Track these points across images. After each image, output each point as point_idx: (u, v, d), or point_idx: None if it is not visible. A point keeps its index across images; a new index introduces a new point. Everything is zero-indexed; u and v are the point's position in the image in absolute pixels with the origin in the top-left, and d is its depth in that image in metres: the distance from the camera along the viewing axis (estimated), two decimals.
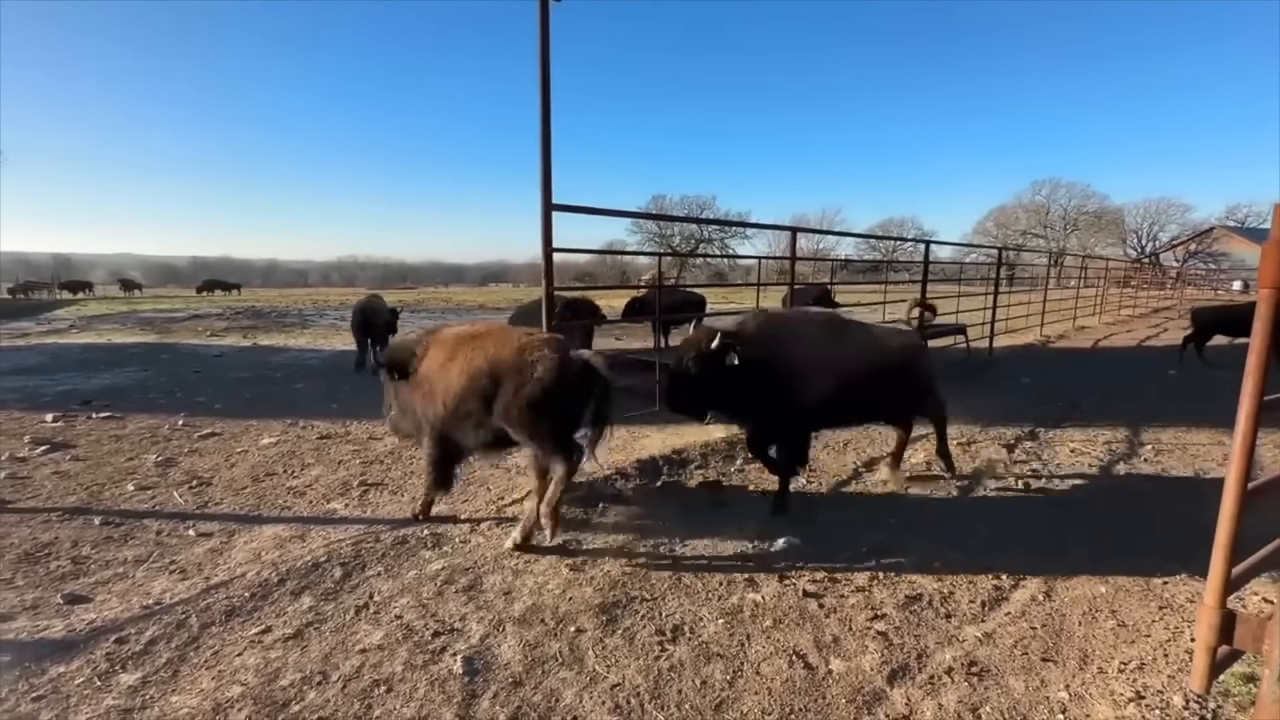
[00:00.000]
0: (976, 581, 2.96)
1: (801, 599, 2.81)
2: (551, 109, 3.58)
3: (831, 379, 3.66)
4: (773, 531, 3.50)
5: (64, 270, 78.81)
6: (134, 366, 9.98)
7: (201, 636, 2.54)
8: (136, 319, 18.74)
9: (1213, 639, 1.60)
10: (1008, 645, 2.46)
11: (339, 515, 3.84)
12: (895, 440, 4.32)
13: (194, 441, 5.46)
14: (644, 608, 2.76)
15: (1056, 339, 12.57)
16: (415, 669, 2.33)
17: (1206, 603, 1.61)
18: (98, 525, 3.69)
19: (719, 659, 2.40)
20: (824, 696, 2.19)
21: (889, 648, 2.45)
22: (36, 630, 2.60)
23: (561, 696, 2.19)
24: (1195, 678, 1.63)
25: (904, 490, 4.15)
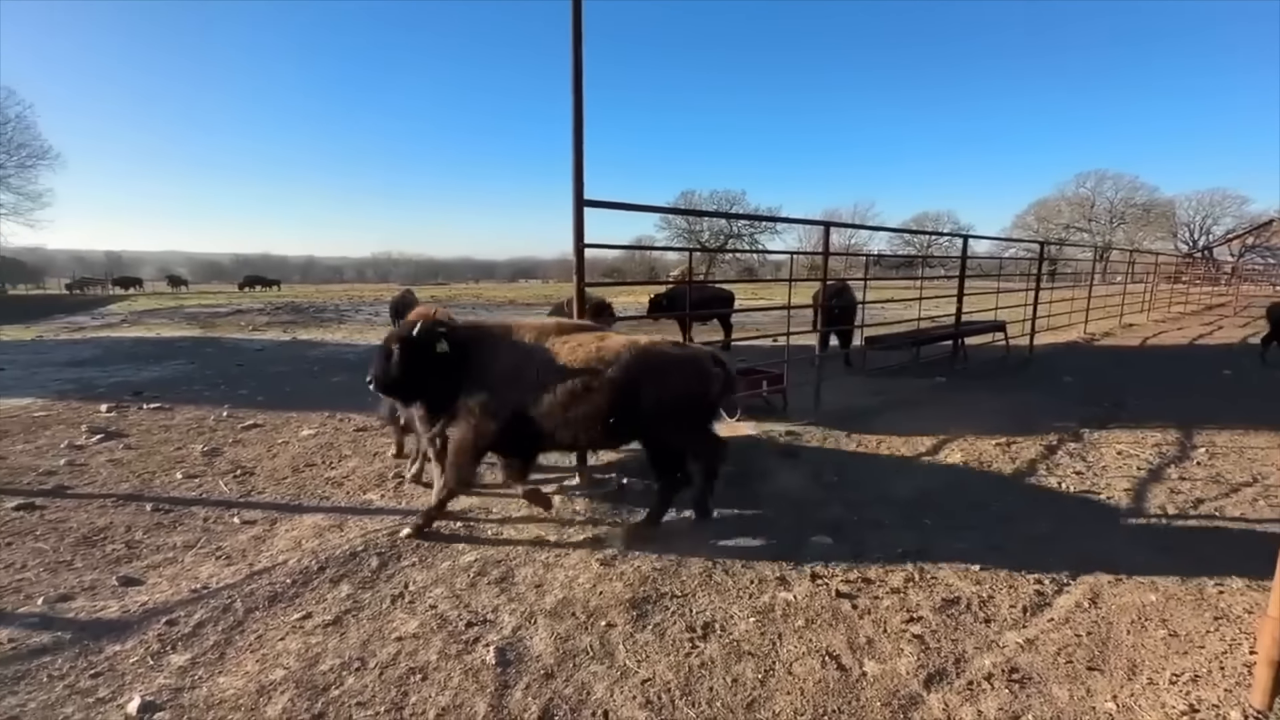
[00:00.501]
0: (1017, 586, 2.88)
1: (834, 599, 2.77)
2: (584, 104, 3.59)
3: (521, 396, 3.33)
4: (805, 531, 3.46)
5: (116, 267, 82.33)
6: (181, 360, 10.38)
7: (246, 621, 2.63)
8: (183, 314, 19.47)
9: (1276, 652, 1.52)
10: (1051, 652, 2.38)
11: (375, 506, 3.93)
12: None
13: (237, 432, 5.65)
14: (674, 604, 2.75)
15: (1101, 336, 12.12)
16: (449, 658, 2.37)
17: (1270, 614, 1.53)
18: (149, 511, 3.84)
19: (750, 657, 2.38)
20: (858, 699, 2.15)
21: (925, 651, 2.40)
22: (94, 610, 2.73)
23: (593, 690, 2.20)
24: (1256, 693, 1.55)
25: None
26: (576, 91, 3.55)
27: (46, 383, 8.31)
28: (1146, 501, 3.89)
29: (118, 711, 2.10)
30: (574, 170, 3.66)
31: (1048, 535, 3.42)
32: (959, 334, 8.09)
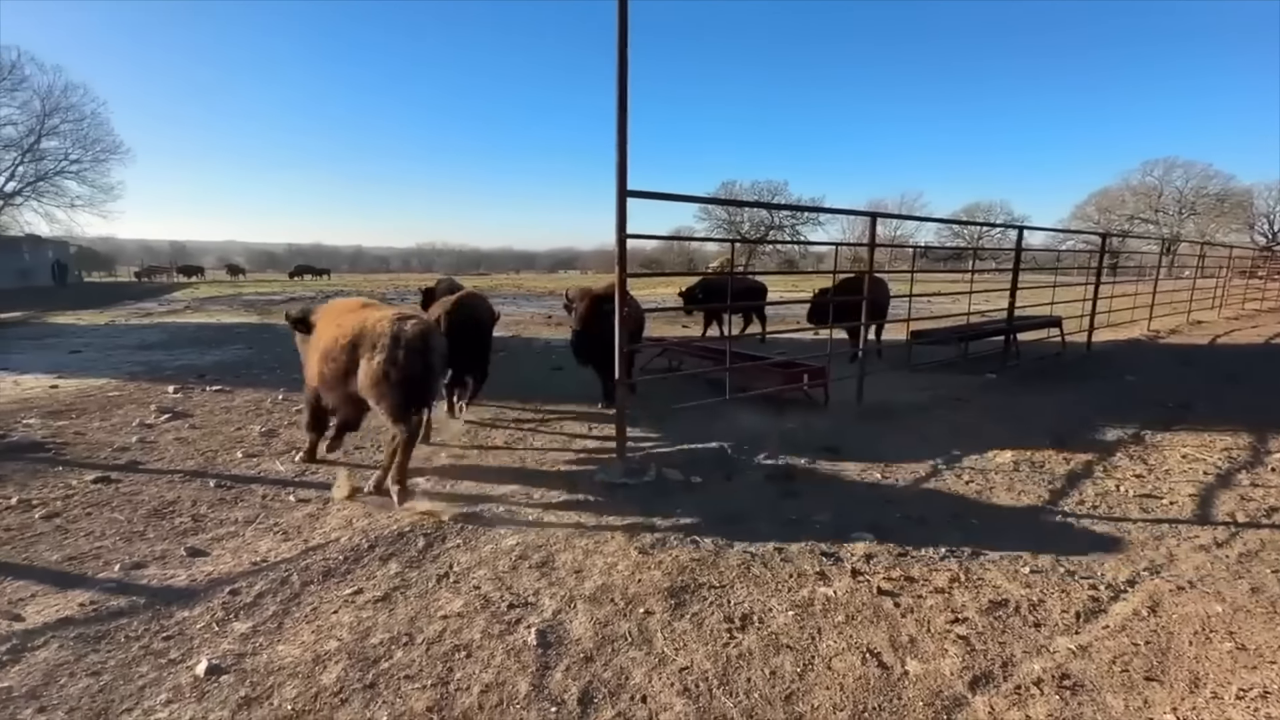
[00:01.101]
0: (1070, 591, 2.77)
1: (876, 596, 2.73)
2: (628, 96, 3.58)
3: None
4: (846, 526, 3.42)
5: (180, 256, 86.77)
6: (240, 345, 10.88)
7: (302, 593, 2.76)
8: (241, 301, 20.39)
9: None
10: (1105, 660, 2.30)
11: (421, 489, 4.05)
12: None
13: (292, 415, 5.89)
14: (712, 594, 2.76)
15: (1167, 334, 11.48)
16: (492, 637, 2.44)
17: None
18: (213, 488, 4.06)
19: (789, 650, 2.37)
20: (899, 697, 2.12)
21: (970, 653, 2.35)
22: (165, 578, 2.91)
23: (631, 675, 2.23)
24: None
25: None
26: (621, 84, 3.55)
27: (119, 364, 8.84)
28: (1213, 508, 3.68)
29: (187, 672, 2.24)
30: (618, 161, 3.66)
31: (1103, 539, 3.28)
32: (1011, 329, 7.79)
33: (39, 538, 3.34)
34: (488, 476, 4.26)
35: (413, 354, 3.64)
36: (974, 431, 5.19)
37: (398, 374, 3.63)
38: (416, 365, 3.66)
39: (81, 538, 3.35)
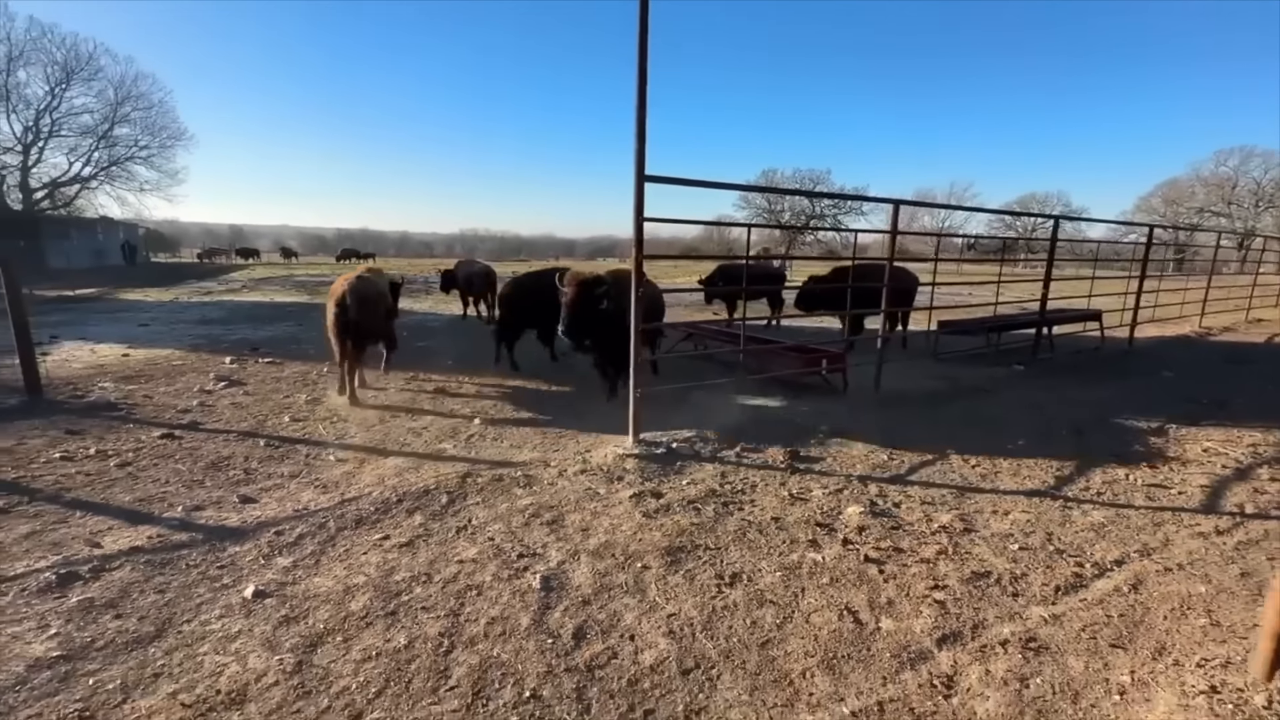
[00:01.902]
0: (1055, 567, 2.86)
1: (862, 563, 2.88)
2: (647, 87, 3.74)
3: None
4: (846, 502, 3.55)
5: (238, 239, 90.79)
6: (290, 322, 11.53)
7: (337, 537, 3.08)
8: (293, 282, 21.38)
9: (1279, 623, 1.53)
10: (1075, 628, 2.40)
11: (448, 454, 4.35)
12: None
13: (335, 385, 6.31)
14: (707, 555, 2.95)
15: (1220, 331, 10.98)
16: (501, 580, 2.70)
17: (1275, 587, 1.54)
18: (263, 446, 4.46)
19: (771, 605, 2.55)
20: (868, 649, 2.28)
21: (944, 615, 2.48)
22: (220, 519, 3.28)
23: (622, 618, 2.45)
24: (1257, 665, 1.57)
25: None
26: (641, 77, 3.71)
27: (182, 337, 9.53)
28: (1222, 499, 3.66)
29: (237, 595, 2.57)
30: (636, 149, 3.83)
31: (1100, 524, 3.33)
32: (1043, 321, 7.64)
33: (114, 482, 3.77)
34: (510, 444, 4.54)
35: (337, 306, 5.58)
36: (990, 420, 5.20)
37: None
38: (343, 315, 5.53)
39: (149, 483, 3.77)
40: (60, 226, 30.75)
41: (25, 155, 28.43)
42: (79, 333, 9.75)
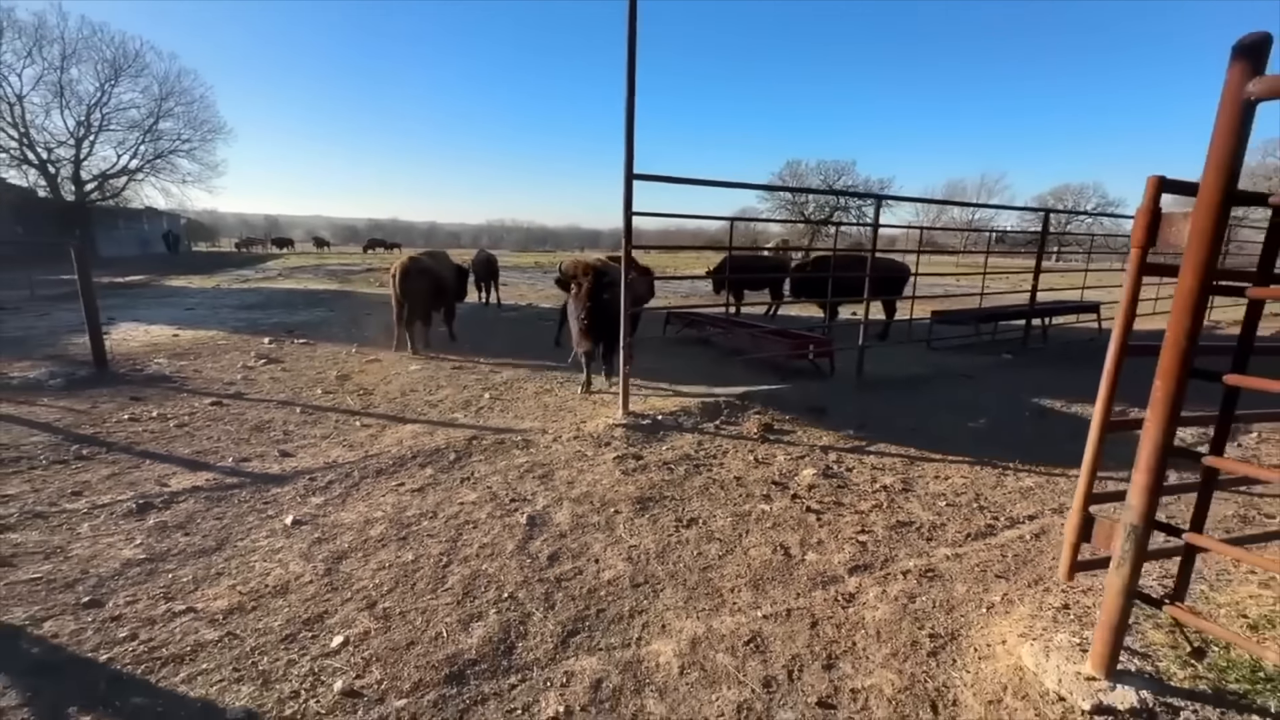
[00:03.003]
0: (972, 520, 3.28)
1: (804, 513, 3.33)
2: (635, 95, 4.19)
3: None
4: (803, 464, 3.99)
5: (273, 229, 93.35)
6: (322, 308, 12.27)
7: (360, 483, 3.64)
8: (325, 271, 22.31)
9: (1075, 537, 1.95)
10: (970, 564, 2.82)
11: (459, 422, 4.90)
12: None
13: (362, 365, 6.93)
14: (671, 505, 3.44)
15: (1229, 325, 10.99)
16: (494, 518, 3.22)
17: (1073, 508, 1.96)
18: (298, 413, 5.06)
19: (718, 542, 3.03)
20: (791, 574, 2.75)
21: (862, 552, 2.93)
22: (263, 469, 3.87)
23: (590, 547, 2.95)
24: (1061, 568, 2.00)
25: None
26: (630, 83, 4.16)
27: (225, 320, 10.30)
28: None
29: (279, 522, 3.14)
30: (625, 149, 4.29)
31: (1030, 487, 3.72)
32: (1033, 312, 7.90)
33: (174, 439, 4.40)
34: (514, 415, 5.07)
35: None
36: (962, 404, 5.56)
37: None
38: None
39: (204, 440, 4.39)
40: (109, 217, 32.37)
41: (77, 149, 29.97)
42: (132, 315, 10.60)
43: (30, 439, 4.25)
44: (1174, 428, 1.80)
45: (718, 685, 2.06)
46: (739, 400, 5.38)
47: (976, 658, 2.18)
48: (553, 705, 1.96)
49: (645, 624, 2.39)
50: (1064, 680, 1.97)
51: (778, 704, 1.98)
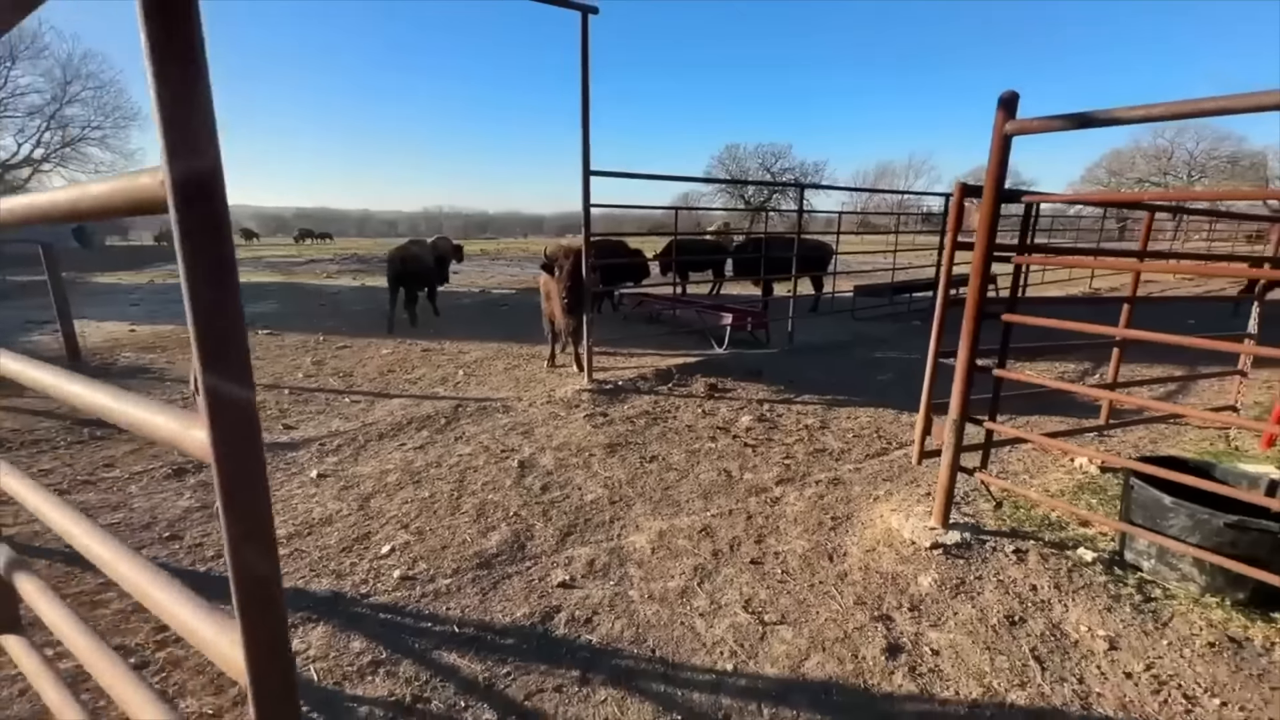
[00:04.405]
0: (871, 444, 4.18)
1: (742, 448, 4.15)
2: (590, 102, 4.84)
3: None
4: (742, 414, 4.82)
5: None
6: (273, 300, 12.32)
7: (366, 445, 4.21)
8: (264, 264, 21.79)
9: (921, 433, 2.81)
10: (866, 474, 3.71)
11: (442, 395, 5.48)
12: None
13: (334, 351, 7.33)
14: (636, 447, 4.18)
15: (1108, 291, 12.65)
16: (491, 464, 3.88)
17: (919, 414, 2.82)
18: (287, 394, 5.51)
19: (675, 471, 3.80)
20: (732, 488, 3.55)
21: (786, 471, 3.77)
22: (272, 439, 4.37)
23: (574, 479, 3.67)
24: (914, 457, 2.86)
25: None
26: (584, 97, 4.81)
27: (177, 314, 10.29)
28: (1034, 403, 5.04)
29: (305, 476, 3.70)
30: (582, 151, 4.94)
31: None
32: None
33: None
34: (490, 387, 5.69)
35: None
36: (876, 363, 6.55)
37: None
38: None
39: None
40: None
41: None
42: (78, 313, 10.41)
43: (39, 425, 4.58)
44: (975, 353, 2.66)
45: (679, 557, 2.83)
46: (688, 366, 6.17)
47: (862, 527, 3.04)
48: (560, 575, 2.68)
49: (623, 525, 3.13)
50: (916, 532, 2.84)
51: (722, 564, 2.77)
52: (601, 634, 2.31)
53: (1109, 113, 2.11)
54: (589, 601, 2.50)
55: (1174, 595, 2.43)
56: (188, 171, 0.50)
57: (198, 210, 0.51)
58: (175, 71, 0.48)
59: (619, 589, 2.59)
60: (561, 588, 2.60)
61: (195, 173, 0.50)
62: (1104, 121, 2.13)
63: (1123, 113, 2.08)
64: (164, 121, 0.49)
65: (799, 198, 6.87)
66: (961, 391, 2.73)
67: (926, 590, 2.52)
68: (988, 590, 2.51)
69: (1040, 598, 2.45)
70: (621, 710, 1.94)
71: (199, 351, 0.56)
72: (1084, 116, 2.17)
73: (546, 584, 2.63)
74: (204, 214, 0.52)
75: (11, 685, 1.99)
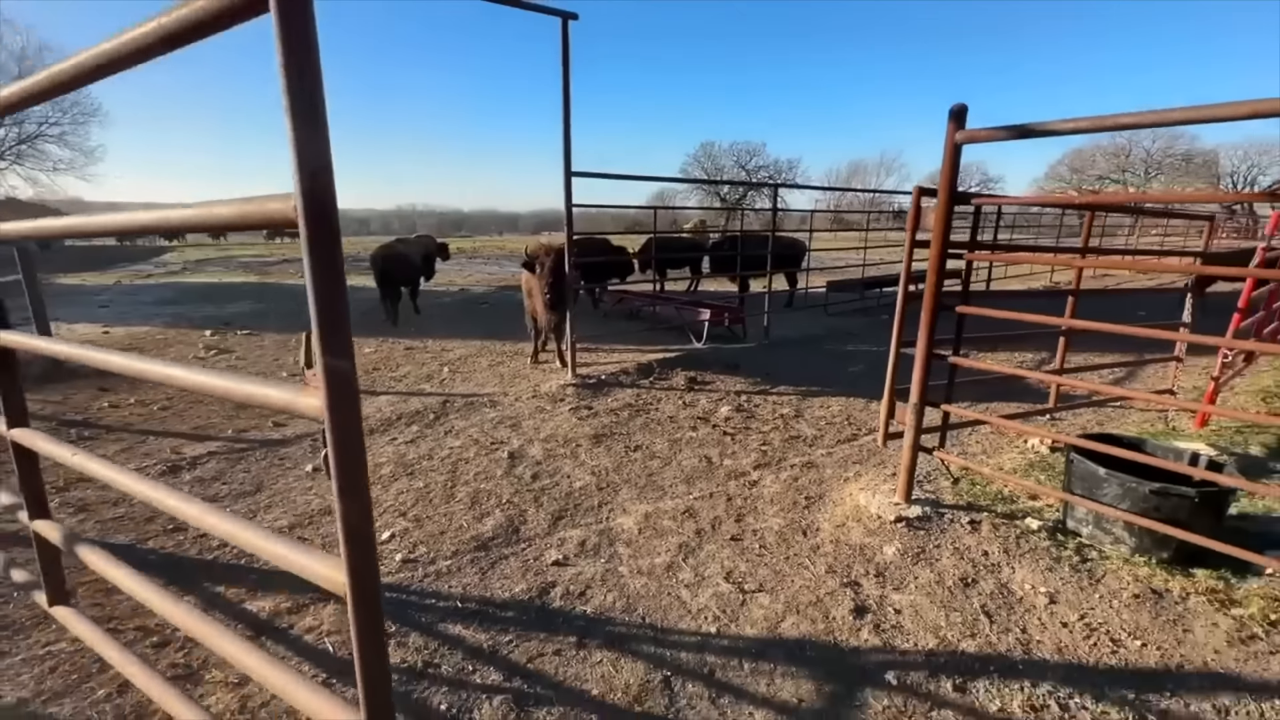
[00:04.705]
0: (842, 430, 4.44)
1: (722, 436, 4.37)
2: (571, 107, 5.00)
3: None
4: (721, 404, 5.04)
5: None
6: (249, 300, 12.20)
7: None
8: (237, 263, 21.41)
9: (885, 417, 3.06)
10: (838, 458, 3.96)
11: (428, 391, 5.60)
12: None
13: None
14: (621, 438, 4.38)
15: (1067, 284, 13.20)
16: (481, 455, 4.04)
17: (884, 399, 3.06)
18: None
19: (658, 459, 4.00)
20: (713, 474, 3.76)
21: (764, 456, 4.00)
22: (265, 436, 4.46)
23: (562, 468, 3.85)
24: (879, 438, 3.10)
25: None
26: (565, 94, 4.97)
27: (150, 315, 10.18)
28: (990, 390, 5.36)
29: (300, 470, 3.81)
30: (564, 152, 5.11)
31: None
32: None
33: (165, 418, 4.86)
34: (475, 384, 5.83)
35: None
36: (847, 355, 6.84)
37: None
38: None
39: (195, 418, 4.88)
40: None
41: None
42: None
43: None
44: (933, 343, 2.91)
45: (664, 536, 3.03)
46: (668, 361, 6.38)
47: (833, 505, 3.28)
48: (554, 555, 2.86)
49: (611, 509, 3.33)
50: (882, 508, 3.09)
51: (704, 542, 2.98)
52: (595, 605, 2.50)
53: (1044, 125, 2.36)
54: (582, 577, 2.69)
55: (1107, 556, 2.72)
56: (315, 201, 0.67)
57: (321, 230, 0.69)
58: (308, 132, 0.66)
59: (609, 566, 2.78)
60: (555, 566, 2.78)
61: (320, 203, 0.68)
62: (1040, 133, 2.39)
63: (1056, 124, 2.33)
64: (299, 164, 0.66)
65: (773, 196, 7.13)
66: (921, 378, 2.98)
67: (890, 559, 2.76)
68: (945, 557, 2.76)
69: (991, 562, 2.72)
70: (616, 669, 2.14)
71: (319, 334, 0.73)
72: (1024, 128, 2.42)
73: (541, 563, 2.81)
74: (324, 233, 0.69)
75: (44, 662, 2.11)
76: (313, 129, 0.65)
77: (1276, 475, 3.58)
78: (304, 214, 0.68)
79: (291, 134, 0.65)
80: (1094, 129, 2.23)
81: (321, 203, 0.68)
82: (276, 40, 0.64)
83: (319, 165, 0.67)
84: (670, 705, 1.98)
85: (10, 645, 2.20)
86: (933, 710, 1.94)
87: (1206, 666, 2.09)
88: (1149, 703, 1.95)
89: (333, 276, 0.71)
